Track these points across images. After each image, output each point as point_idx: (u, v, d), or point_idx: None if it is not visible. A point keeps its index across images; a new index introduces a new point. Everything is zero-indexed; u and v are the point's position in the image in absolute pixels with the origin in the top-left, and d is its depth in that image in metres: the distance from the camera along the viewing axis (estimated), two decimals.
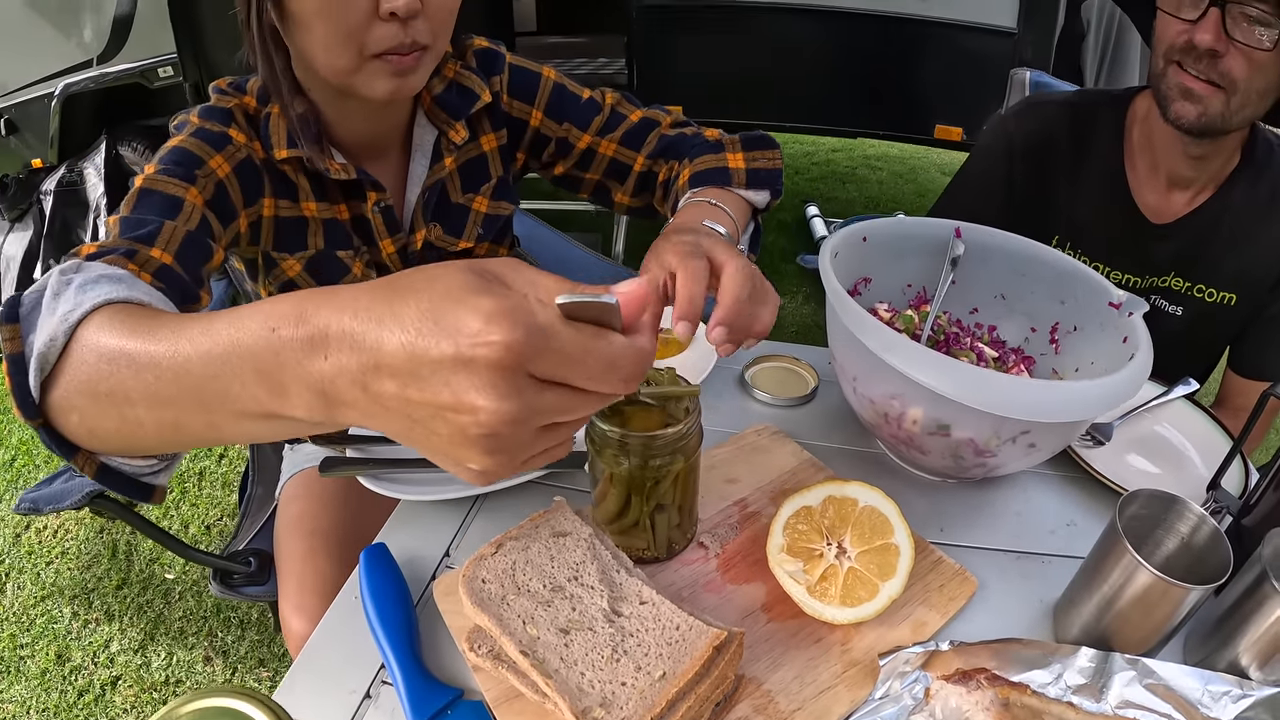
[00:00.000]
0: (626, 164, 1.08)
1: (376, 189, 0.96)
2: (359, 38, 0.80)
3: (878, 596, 0.66)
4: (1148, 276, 1.20)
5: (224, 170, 0.87)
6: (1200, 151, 1.09)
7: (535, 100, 1.07)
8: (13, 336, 0.59)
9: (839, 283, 0.77)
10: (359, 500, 1.18)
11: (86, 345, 0.56)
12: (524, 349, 0.37)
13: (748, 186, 0.95)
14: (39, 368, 0.57)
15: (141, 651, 1.95)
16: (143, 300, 0.62)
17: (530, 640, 0.56)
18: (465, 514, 0.82)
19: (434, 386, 0.39)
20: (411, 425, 0.41)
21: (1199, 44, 0.97)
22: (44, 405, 0.58)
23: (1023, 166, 1.23)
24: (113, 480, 0.63)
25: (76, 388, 0.56)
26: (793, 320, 3.32)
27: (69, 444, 0.60)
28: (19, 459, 2.74)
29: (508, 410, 0.38)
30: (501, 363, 0.37)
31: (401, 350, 0.39)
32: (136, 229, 0.76)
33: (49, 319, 0.58)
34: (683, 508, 0.70)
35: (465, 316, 0.38)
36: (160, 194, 0.81)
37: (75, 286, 0.60)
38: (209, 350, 0.47)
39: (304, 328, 0.42)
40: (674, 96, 2.97)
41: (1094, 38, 2.59)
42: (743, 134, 1.00)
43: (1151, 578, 0.61)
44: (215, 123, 0.89)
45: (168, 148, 0.87)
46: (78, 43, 3.12)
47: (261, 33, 0.83)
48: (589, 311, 0.39)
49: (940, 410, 0.72)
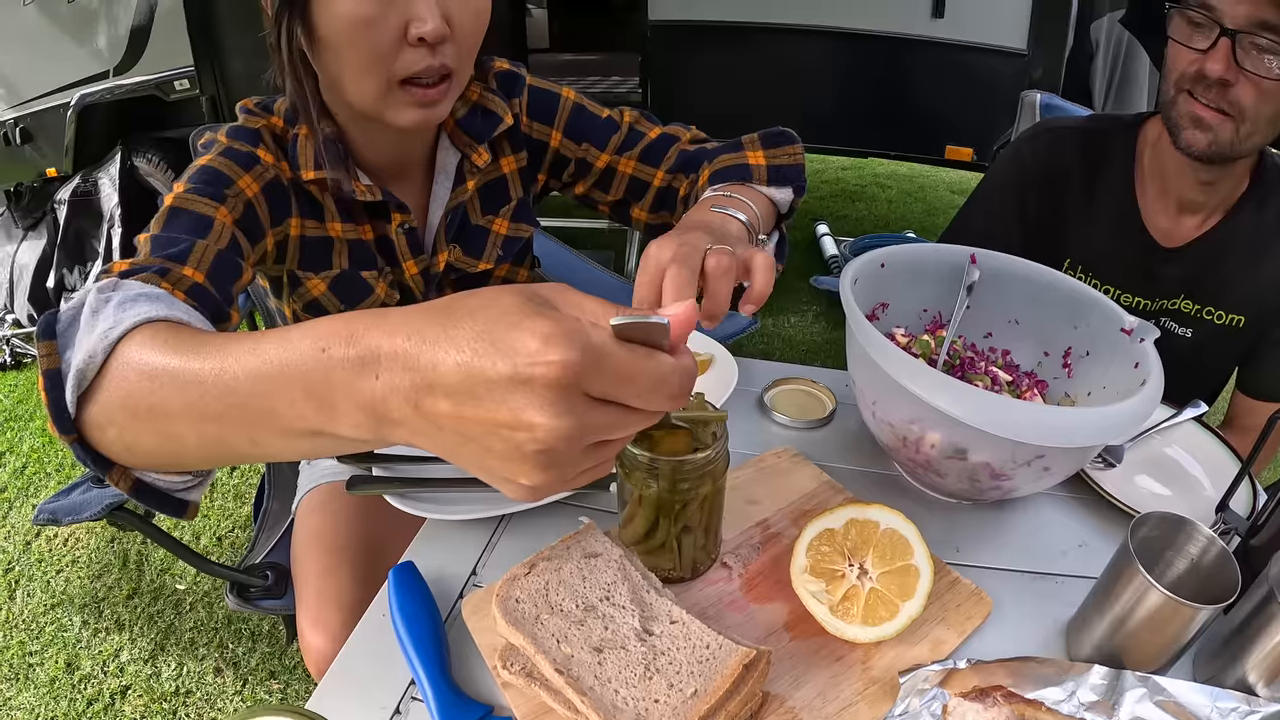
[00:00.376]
0: (646, 180, 1.08)
1: (401, 211, 0.97)
2: (387, 63, 0.81)
3: (898, 616, 0.67)
4: (1157, 299, 1.22)
5: (252, 190, 0.88)
6: (1210, 177, 1.11)
7: (555, 121, 1.07)
8: (50, 352, 0.60)
9: (859, 309, 0.79)
10: (376, 515, 1.18)
11: (127, 362, 0.57)
12: (580, 368, 0.39)
13: (769, 183, 0.95)
14: (76, 383, 0.57)
15: (151, 661, 1.95)
16: (181, 319, 0.63)
17: (565, 658, 0.58)
18: (491, 533, 0.83)
19: (490, 405, 0.40)
20: (464, 442, 0.42)
21: (1209, 73, 0.99)
22: (79, 421, 0.58)
23: (1036, 192, 1.25)
24: (147, 496, 0.63)
25: (116, 403, 0.57)
26: (804, 338, 3.35)
27: (103, 459, 0.60)
28: (30, 466, 2.75)
29: (564, 427, 0.39)
30: (559, 381, 0.39)
31: (457, 370, 0.40)
32: (168, 247, 0.77)
33: (88, 336, 0.59)
34: (708, 529, 0.71)
35: (522, 337, 0.39)
36: (191, 213, 0.82)
37: (114, 304, 0.61)
38: (257, 368, 0.48)
39: (355, 348, 0.44)
40: (687, 115, 2.98)
41: (1103, 58, 2.61)
42: (762, 131, 1.00)
43: (1162, 598, 0.62)
44: (243, 143, 0.90)
45: (196, 166, 0.88)
46: (94, 54, 3.14)
47: (291, 56, 0.84)
48: (640, 332, 0.41)
49: (958, 435, 0.74)
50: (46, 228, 3.62)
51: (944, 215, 4.66)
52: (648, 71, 3.10)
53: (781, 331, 3.40)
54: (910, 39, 2.74)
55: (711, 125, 3.08)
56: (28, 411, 3.10)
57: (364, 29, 0.78)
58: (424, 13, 0.78)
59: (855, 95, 2.97)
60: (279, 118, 0.93)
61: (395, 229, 0.99)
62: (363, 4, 0.77)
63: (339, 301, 1.00)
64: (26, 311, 3.66)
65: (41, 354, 0.60)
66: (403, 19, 0.78)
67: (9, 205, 3.92)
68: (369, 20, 0.77)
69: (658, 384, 0.42)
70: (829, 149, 3.21)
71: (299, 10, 0.80)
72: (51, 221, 3.59)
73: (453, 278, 1.07)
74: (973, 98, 2.76)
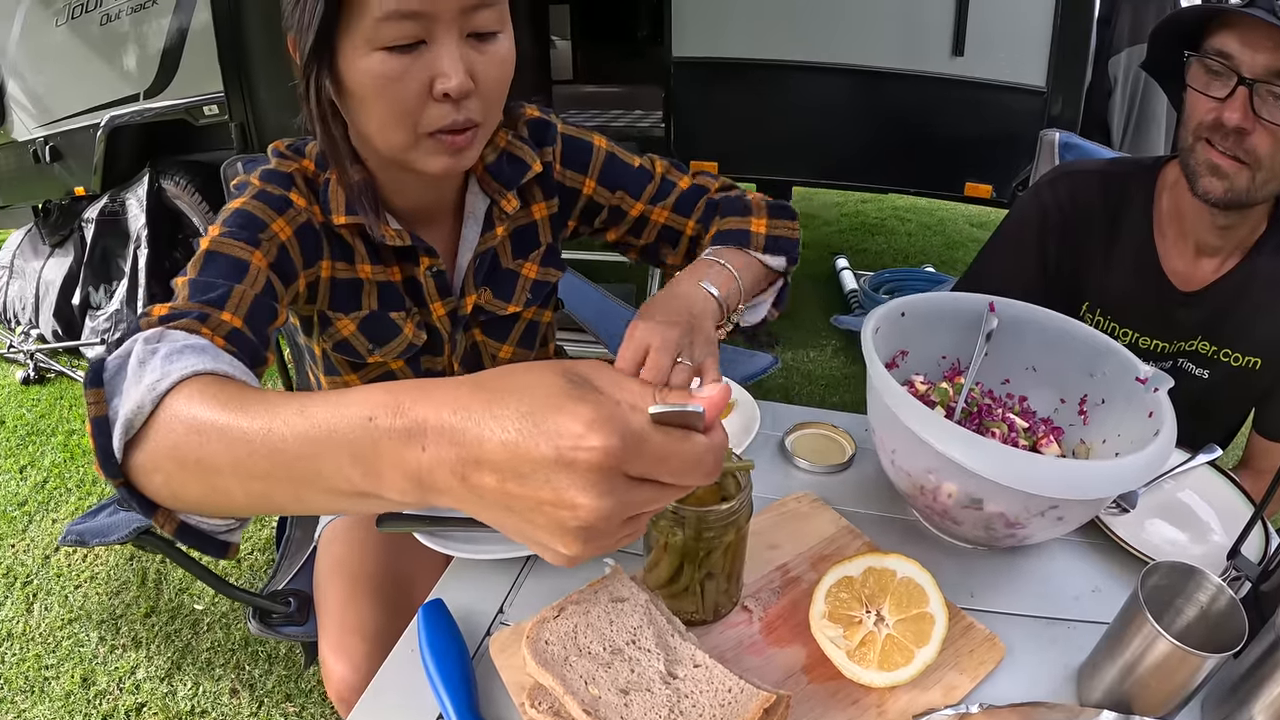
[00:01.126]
0: (678, 230, 1.11)
1: (430, 254, 0.99)
2: (414, 117, 0.82)
3: (913, 662, 0.69)
4: (1175, 341, 1.23)
5: (285, 233, 0.90)
6: (1227, 221, 1.12)
7: (588, 170, 1.09)
8: (97, 400, 0.61)
9: (879, 357, 0.81)
10: (398, 547, 1.19)
11: (175, 415, 0.59)
12: (620, 454, 0.41)
13: (765, 251, 1.01)
14: (123, 432, 0.59)
15: (167, 680, 1.96)
16: (227, 371, 0.64)
17: (593, 700, 0.60)
18: (517, 574, 0.85)
19: (535, 484, 0.42)
20: (507, 513, 0.45)
21: (1227, 122, 1.00)
22: (126, 465, 0.60)
23: (1056, 237, 1.26)
24: (191, 537, 0.65)
25: (163, 453, 0.59)
26: (822, 373, 3.36)
27: (149, 502, 0.62)
28: (50, 481, 2.78)
29: (606, 507, 0.42)
30: (601, 465, 0.41)
31: (503, 449, 0.42)
32: (206, 292, 0.78)
33: (135, 387, 0.61)
34: (730, 574, 0.73)
35: (565, 421, 0.41)
36: (227, 257, 0.84)
37: (161, 356, 0.63)
38: (305, 432, 0.50)
39: (402, 419, 0.46)
40: (709, 150, 3.04)
41: (1120, 95, 2.62)
42: (770, 202, 1.05)
43: (1170, 646, 0.63)
44: (276, 186, 0.92)
45: (231, 209, 0.90)
46: (125, 76, 3.19)
47: (320, 107, 0.85)
48: (677, 419, 0.43)
49: (974, 486, 0.76)
50: (73, 245, 3.68)
51: (963, 249, 4.68)
52: (671, 106, 3.12)
53: (800, 366, 3.42)
54: (930, 76, 2.77)
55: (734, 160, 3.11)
56: (50, 426, 3.14)
57: (390, 85, 0.80)
58: (448, 69, 0.79)
59: (876, 132, 2.99)
60: (310, 161, 0.95)
61: (423, 271, 1.00)
62: (388, 61, 0.78)
63: (367, 341, 1.03)
64: (51, 327, 3.71)
65: (89, 401, 0.62)
66: (428, 75, 0.80)
67: (36, 222, 3.99)
68: (394, 76, 0.79)
69: (694, 464, 0.44)
70: (849, 185, 3.24)
71: (326, 64, 0.82)
72: (78, 239, 3.65)
73: (481, 319, 1.09)
74: (992, 135, 2.77)
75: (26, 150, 3.69)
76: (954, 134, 2.85)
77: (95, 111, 3.30)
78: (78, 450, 2.94)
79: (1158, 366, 1.19)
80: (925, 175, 3.00)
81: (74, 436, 3.04)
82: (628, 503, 0.43)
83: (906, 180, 3.08)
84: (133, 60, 3.14)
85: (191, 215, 3.33)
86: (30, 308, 3.83)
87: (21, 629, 2.15)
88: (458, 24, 0.79)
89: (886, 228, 4.98)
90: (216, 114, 2.94)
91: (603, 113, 4.03)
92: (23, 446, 3.01)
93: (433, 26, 0.78)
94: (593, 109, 4.07)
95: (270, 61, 2.65)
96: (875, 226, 5.00)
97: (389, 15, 0.76)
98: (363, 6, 0.76)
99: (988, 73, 2.70)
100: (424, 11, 0.76)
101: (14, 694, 1.96)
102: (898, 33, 2.77)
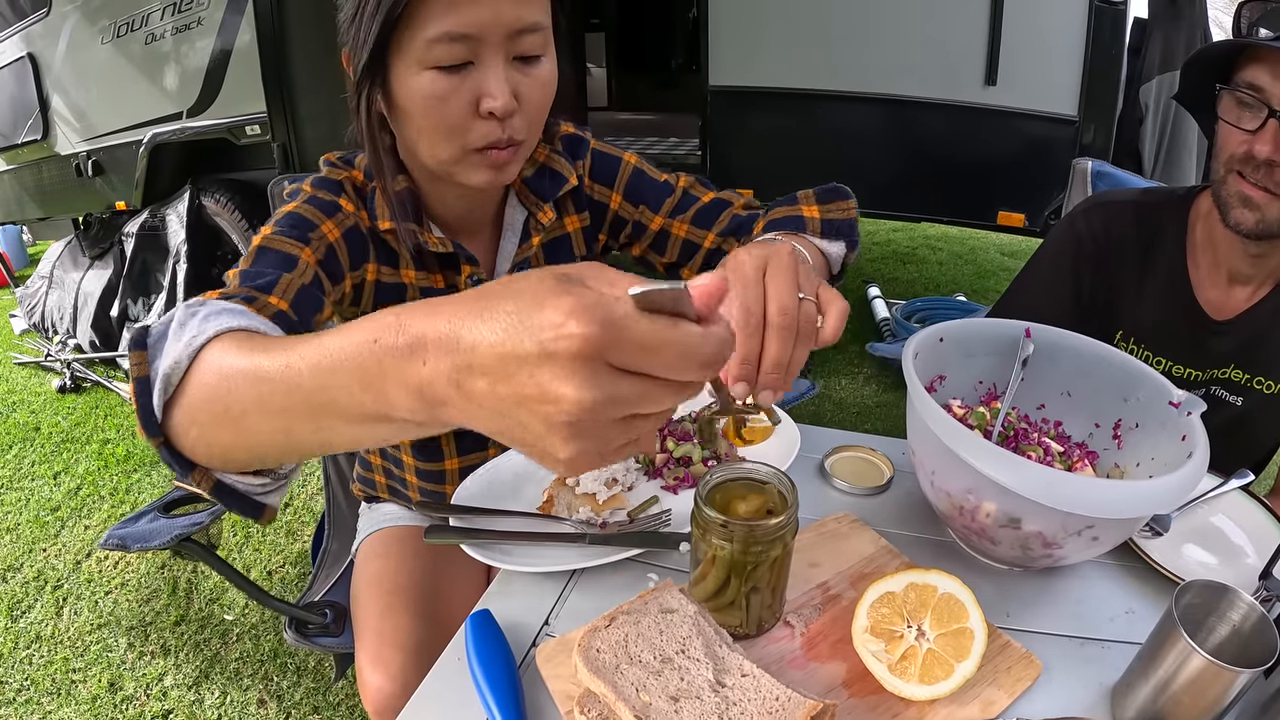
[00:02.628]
0: (697, 243, 1.12)
1: (471, 263, 1.03)
2: (460, 133, 0.87)
3: (953, 676, 0.70)
4: (1208, 369, 1.24)
5: (334, 235, 0.95)
6: (1259, 250, 1.13)
7: (615, 184, 1.12)
8: (140, 361, 0.64)
9: (919, 381, 0.83)
10: (435, 561, 1.22)
11: (208, 366, 0.62)
12: (600, 340, 0.40)
13: (822, 235, 0.97)
14: (163, 389, 0.62)
15: (195, 688, 1.98)
16: (259, 328, 0.68)
17: (644, 706, 0.62)
18: (563, 587, 0.87)
19: (520, 381, 0.42)
20: (503, 419, 0.44)
21: (1258, 154, 1.02)
22: (165, 425, 0.63)
23: (1090, 267, 1.28)
24: (227, 496, 0.67)
25: (198, 404, 0.62)
26: (854, 401, 3.36)
27: (186, 461, 0.65)
28: (84, 488, 2.83)
29: (589, 399, 0.41)
30: (581, 353, 0.40)
31: (491, 351, 0.42)
32: (255, 280, 0.83)
33: (174, 344, 0.64)
34: (774, 589, 0.75)
35: (548, 314, 0.41)
36: (277, 251, 0.88)
37: (199, 317, 0.66)
38: (318, 363, 0.52)
39: (403, 336, 0.46)
40: (745, 179, 3.07)
41: (1152, 123, 2.63)
42: (817, 187, 1.02)
43: (1204, 662, 0.64)
44: (327, 192, 0.97)
45: (283, 212, 0.94)
46: (168, 94, 3.26)
47: (370, 121, 0.90)
48: (662, 301, 0.41)
49: (1012, 505, 0.77)
50: (113, 259, 3.75)
51: (994, 278, 4.67)
52: (708, 135, 3.17)
53: (833, 394, 3.42)
54: (963, 106, 2.79)
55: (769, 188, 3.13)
56: (85, 434, 3.20)
57: (438, 104, 0.84)
58: (494, 89, 0.84)
59: (909, 160, 3.01)
60: (359, 171, 1.00)
61: (465, 280, 1.04)
62: (438, 80, 0.83)
63: None
64: (89, 338, 3.78)
65: (133, 363, 0.65)
66: (474, 94, 0.84)
67: (77, 234, 4.07)
68: (443, 95, 0.84)
69: (683, 353, 0.42)
70: (883, 214, 3.24)
71: (379, 82, 0.86)
72: (118, 253, 3.72)
73: None
74: (1024, 163, 2.79)
75: (69, 164, 3.78)
76: (986, 163, 2.87)
77: (138, 128, 3.38)
78: (111, 459, 3.00)
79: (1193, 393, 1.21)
80: (957, 204, 3.01)
81: (108, 445, 3.10)
82: (615, 396, 0.42)
83: (939, 209, 3.10)
84: (176, 79, 3.22)
85: (231, 233, 3.39)
86: (69, 318, 3.91)
87: (50, 632, 2.19)
88: (504, 47, 0.83)
89: (918, 256, 4.99)
90: (258, 134, 3.00)
91: (637, 140, 4.07)
92: (57, 453, 3.07)
93: (481, 49, 0.82)
94: (628, 135, 4.12)
95: (313, 84, 2.71)
96: (907, 255, 5.01)
97: (441, 37, 0.80)
98: (416, 28, 0.80)
99: (1020, 102, 2.72)
100: (474, 34, 0.81)
101: (40, 695, 1.98)
102: (931, 62, 2.81)
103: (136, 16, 3.21)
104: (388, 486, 1.30)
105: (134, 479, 2.89)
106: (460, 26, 0.80)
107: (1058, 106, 2.67)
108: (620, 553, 0.86)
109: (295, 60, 2.77)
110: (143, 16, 3.20)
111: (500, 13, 0.81)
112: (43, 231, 5.02)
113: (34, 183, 4.11)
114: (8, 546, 2.54)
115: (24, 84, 3.79)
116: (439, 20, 0.80)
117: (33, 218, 4.47)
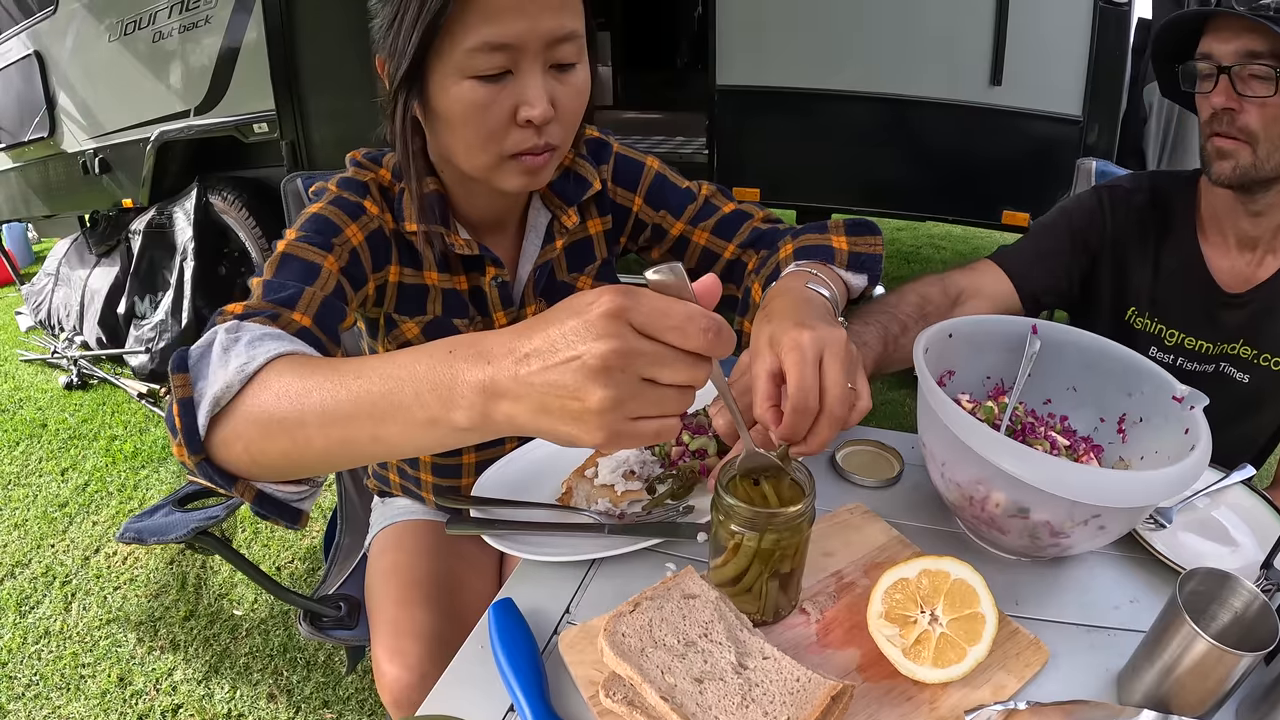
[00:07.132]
0: (716, 253, 1.15)
1: (496, 264, 1.04)
2: (498, 140, 0.88)
3: (965, 660, 0.72)
4: (1219, 343, 1.27)
5: (357, 239, 0.96)
6: (1258, 207, 1.20)
7: (637, 188, 1.14)
8: (184, 384, 0.68)
9: (930, 376, 0.85)
10: (449, 553, 1.24)
11: (267, 387, 0.66)
12: (623, 303, 0.51)
13: (849, 268, 1.01)
14: (210, 409, 0.66)
15: (205, 683, 1.99)
16: (309, 352, 0.72)
17: (669, 688, 0.64)
18: (583, 576, 0.88)
19: (563, 349, 0.51)
20: (546, 392, 0.52)
21: (1215, 105, 1.14)
22: (207, 442, 0.67)
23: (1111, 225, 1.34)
24: (268, 505, 0.72)
25: (249, 421, 0.66)
26: None
27: (227, 475, 0.69)
28: (92, 484, 2.85)
29: (615, 346, 0.50)
30: (608, 313, 0.51)
31: (545, 338, 0.53)
32: (278, 292, 0.84)
33: (222, 370, 0.67)
34: (791, 577, 0.77)
35: (584, 298, 0.52)
36: (300, 260, 0.90)
37: (244, 343, 0.70)
38: (391, 372, 0.60)
39: (474, 348, 0.56)
40: (752, 177, 3.10)
41: (1156, 122, 2.65)
42: (848, 219, 1.06)
43: (1207, 645, 0.66)
44: (352, 193, 0.98)
45: (307, 214, 0.96)
46: (176, 93, 3.27)
47: (404, 124, 0.91)
48: (669, 286, 0.53)
49: (1021, 495, 0.79)
50: (120, 256, 3.76)
51: None
52: (714, 134, 3.18)
53: None
54: (968, 106, 2.82)
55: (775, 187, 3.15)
56: (92, 431, 3.21)
57: (478, 112, 0.85)
58: (533, 98, 0.85)
59: (915, 160, 3.04)
60: (387, 170, 1.01)
61: (489, 281, 1.05)
62: (478, 89, 0.84)
63: None
64: (95, 335, 3.79)
65: (176, 385, 0.68)
66: (513, 103, 0.85)
67: (83, 231, 4.08)
68: (483, 103, 0.85)
69: (688, 319, 0.52)
70: (888, 212, 3.26)
71: (418, 88, 0.87)
72: (125, 250, 3.73)
73: None
74: (1028, 163, 2.81)
75: (76, 161, 3.80)
76: (991, 162, 2.90)
77: (145, 126, 3.39)
78: (119, 455, 3.01)
79: (1201, 370, 1.25)
80: (962, 203, 3.04)
81: (116, 441, 3.11)
82: (636, 349, 0.51)
83: (943, 208, 3.12)
84: (183, 77, 3.23)
85: (238, 230, 3.40)
86: (75, 315, 3.92)
87: (59, 627, 2.20)
88: (542, 56, 0.85)
89: (922, 255, 5.01)
90: (266, 132, 3.01)
91: (644, 138, 4.07)
92: (64, 450, 3.08)
93: (520, 58, 0.84)
94: (634, 134, 4.11)
95: (321, 81, 2.72)
96: (911, 254, 5.03)
97: (480, 46, 0.81)
98: (456, 38, 0.81)
99: (1024, 102, 2.75)
100: (513, 44, 0.82)
101: (50, 690, 1.99)
102: (937, 63, 2.83)
103: (144, 14, 3.22)
104: (400, 485, 1.32)
105: (141, 475, 2.91)
106: (500, 36, 0.81)
107: (1062, 107, 2.69)
108: (639, 542, 0.88)
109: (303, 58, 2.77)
110: (150, 15, 3.20)
111: (539, 22, 0.82)
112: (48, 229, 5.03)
113: (40, 180, 4.12)
114: (16, 542, 2.56)
115: (31, 82, 3.80)
116: (479, 30, 0.80)
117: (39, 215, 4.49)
